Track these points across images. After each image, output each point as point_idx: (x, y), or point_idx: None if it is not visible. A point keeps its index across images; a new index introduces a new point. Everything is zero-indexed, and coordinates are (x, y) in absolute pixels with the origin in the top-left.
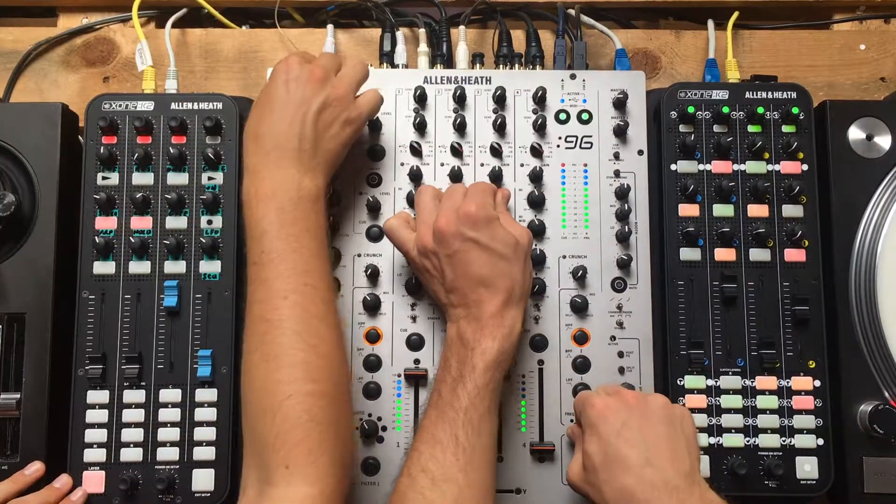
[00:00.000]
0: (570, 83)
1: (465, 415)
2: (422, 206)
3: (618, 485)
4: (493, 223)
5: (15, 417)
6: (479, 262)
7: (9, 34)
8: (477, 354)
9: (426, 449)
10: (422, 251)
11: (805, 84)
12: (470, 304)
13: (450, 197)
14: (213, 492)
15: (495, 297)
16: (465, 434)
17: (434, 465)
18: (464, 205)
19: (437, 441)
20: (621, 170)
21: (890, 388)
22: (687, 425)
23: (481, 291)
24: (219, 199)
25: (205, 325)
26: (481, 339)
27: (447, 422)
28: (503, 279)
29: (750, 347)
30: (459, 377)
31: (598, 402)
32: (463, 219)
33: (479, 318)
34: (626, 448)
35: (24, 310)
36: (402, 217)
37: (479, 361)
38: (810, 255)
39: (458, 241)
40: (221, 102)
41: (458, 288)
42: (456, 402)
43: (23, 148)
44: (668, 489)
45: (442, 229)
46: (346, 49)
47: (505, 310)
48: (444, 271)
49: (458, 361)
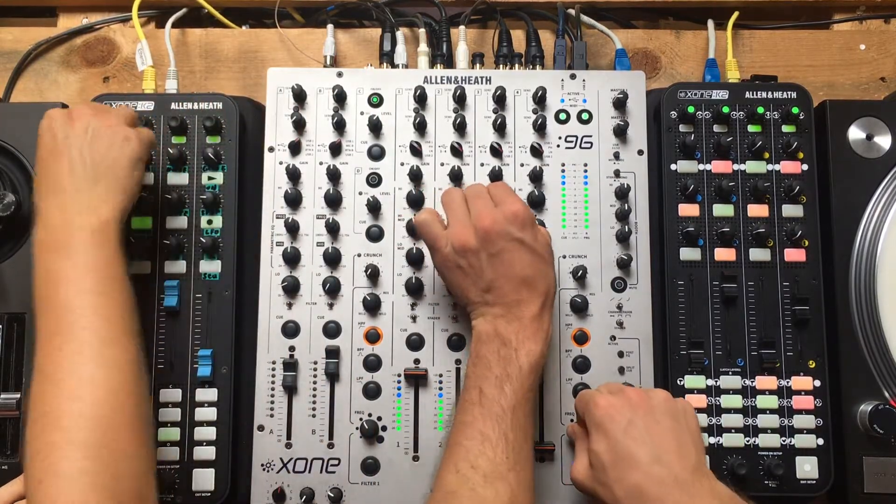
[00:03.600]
0: (570, 83)
1: (513, 414)
2: (454, 204)
3: (628, 483)
4: (535, 225)
5: (15, 417)
6: (524, 261)
7: (9, 34)
8: (522, 355)
9: (474, 445)
10: (459, 249)
11: (805, 84)
12: (511, 304)
13: (480, 196)
14: (213, 492)
15: (536, 299)
16: (514, 434)
17: (485, 462)
18: (507, 204)
19: (486, 438)
20: (621, 170)
21: (890, 387)
22: (690, 418)
23: (523, 292)
24: (219, 199)
25: (205, 325)
26: (525, 340)
27: (495, 419)
28: (543, 281)
29: (750, 347)
30: (506, 376)
31: (601, 401)
32: (511, 218)
33: (521, 318)
34: (634, 446)
35: (24, 310)
36: (432, 213)
37: (525, 362)
38: (810, 255)
39: (504, 241)
40: (221, 102)
41: (498, 287)
42: (503, 401)
43: (23, 148)
44: (677, 484)
45: (488, 228)
46: (346, 49)
47: (543, 312)
48: (484, 270)
49: (502, 360)
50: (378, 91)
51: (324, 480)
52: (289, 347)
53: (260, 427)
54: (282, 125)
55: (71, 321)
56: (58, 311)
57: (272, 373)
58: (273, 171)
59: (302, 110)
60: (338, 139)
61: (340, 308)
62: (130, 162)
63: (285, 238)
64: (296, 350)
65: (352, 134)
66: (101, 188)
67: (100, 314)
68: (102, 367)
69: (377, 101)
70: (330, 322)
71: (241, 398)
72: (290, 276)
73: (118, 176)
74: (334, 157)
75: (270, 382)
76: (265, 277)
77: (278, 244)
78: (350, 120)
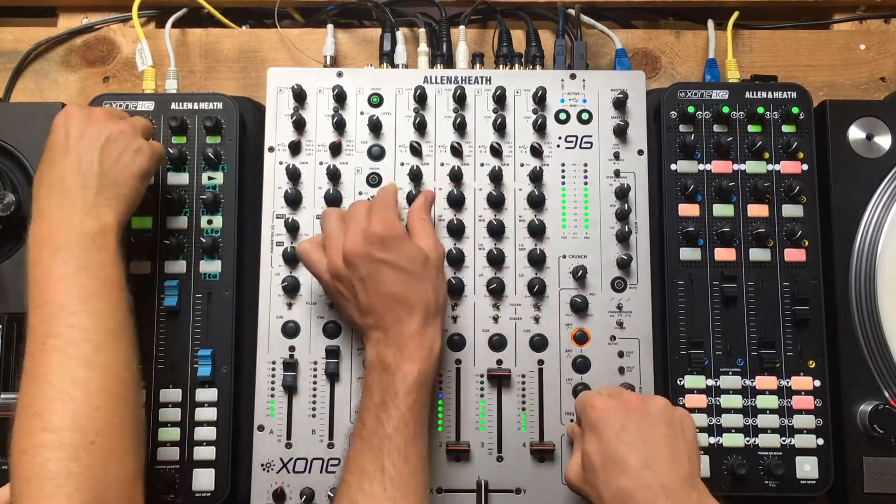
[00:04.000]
0: (570, 83)
1: (390, 442)
2: (328, 229)
3: (615, 486)
4: (401, 240)
5: None
6: (391, 281)
7: (9, 34)
8: (398, 379)
9: (354, 481)
10: (334, 275)
11: (805, 84)
12: (388, 326)
13: (353, 217)
14: (213, 492)
15: (413, 315)
16: (392, 462)
17: (363, 498)
18: (369, 225)
19: (363, 472)
20: (621, 170)
21: (890, 387)
22: (687, 428)
23: (399, 310)
24: (219, 199)
25: (205, 325)
26: (401, 362)
27: (373, 451)
28: (417, 297)
29: (750, 347)
30: (382, 404)
31: (598, 403)
32: (370, 239)
33: (399, 339)
34: (624, 450)
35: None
36: (314, 241)
37: (401, 386)
38: (810, 255)
39: (367, 264)
40: (221, 102)
41: (374, 310)
42: (380, 430)
43: (23, 148)
44: (665, 492)
45: (349, 252)
46: (346, 49)
47: (424, 329)
48: (358, 294)
49: (381, 387)
50: (378, 91)
51: (324, 480)
52: (289, 347)
53: (260, 427)
54: (282, 125)
55: (63, 322)
56: (52, 312)
57: (272, 373)
58: (273, 171)
59: (302, 110)
60: (338, 139)
61: None
62: (138, 174)
63: (285, 238)
64: (296, 350)
65: (352, 134)
66: (106, 195)
67: (93, 316)
68: (93, 369)
69: (377, 101)
70: (330, 322)
71: (241, 398)
72: (290, 276)
73: (124, 185)
74: (334, 157)
75: (270, 382)
76: (265, 277)
77: (278, 244)
78: (350, 120)
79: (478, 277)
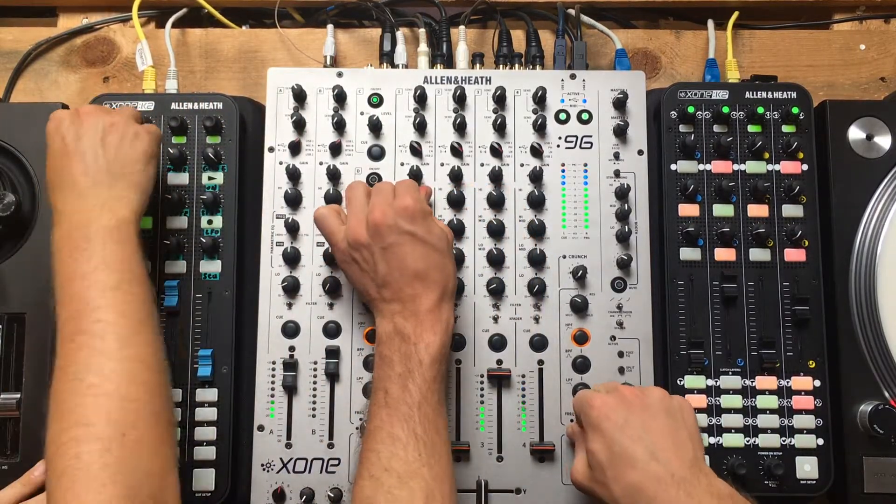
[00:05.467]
0: (570, 83)
1: (419, 410)
2: (354, 199)
3: (625, 481)
4: (428, 217)
5: (15, 417)
6: (415, 254)
7: (9, 34)
8: (422, 349)
9: (385, 448)
10: (353, 244)
11: (805, 84)
12: (405, 299)
13: (380, 192)
14: (213, 492)
15: (432, 291)
16: (424, 429)
17: (398, 464)
18: (399, 198)
19: (396, 439)
20: (621, 170)
21: (890, 388)
22: (687, 415)
23: (417, 286)
24: (219, 199)
25: (205, 325)
26: (423, 333)
27: (403, 419)
28: (438, 273)
29: (750, 347)
30: (408, 372)
31: (597, 401)
32: (400, 211)
33: (417, 312)
34: (630, 444)
35: (24, 310)
36: (332, 208)
37: (426, 356)
38: (810, 255)
39: (394, 234)
40: (221, 102)
41: (393, 282)
42: (409, 398)
43: (23, 148)
44: (674, 481)
45: (378, 221)
46: (346, 49)
47: (441, 304)
48: (378, 265)
49: (403, 357)
50: (378, 91)
51: (324, 480)
52: (289, 347)
53: (260, 427)
54: (282, 125)
55: (91, 318)
56: (78, 308)
57: (272, 373)
58: (273, 171)
59: (302, 110)
60: (338, 139)
61: (340, 308)
62: (143, 158)
63: (285, 238)
64: (296, 350)
65: (352, 134)
66: (118, 187)
67: (120, 310)
68: (123, 361)
69: (377, 101)
70: (330, 322)
71: (241, 398)
72: (290, 276)
73: (132, 173)
74: (334, 157)
75: (270, 382)
76: (265, 277)
77: (278, 244)
78: (350, 120)
79: (478, 277)
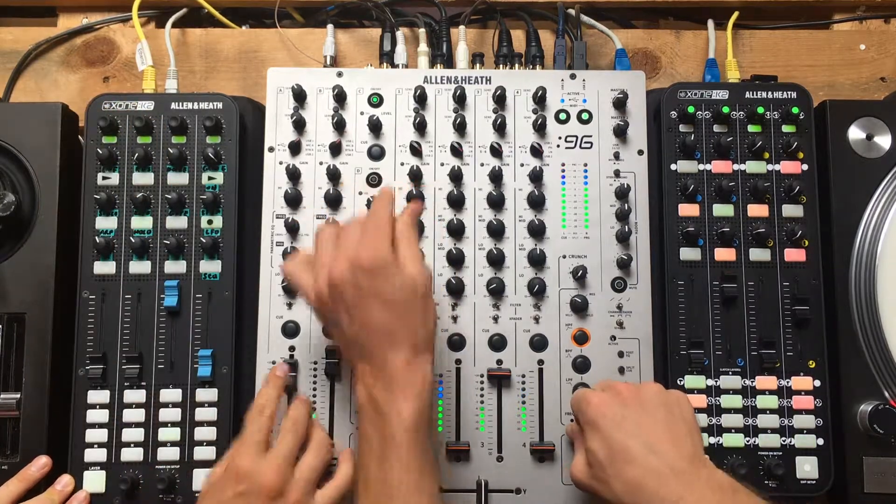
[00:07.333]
0: (570, 83)
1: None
2: (319, 250)
3: (625, 477)
4: (389, 268)
5: (15, 417)
6: (379, 312)
7: (9, 34)
8: (394, 422)
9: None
10: (320, 302)
11: (805, 84)
12: (374, 360)
13: (346, 237)
14: None
15: (400, 350)
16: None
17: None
18: (361, 247)
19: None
20: (621, 170)
21: (890, 388)
22: (684, 408)
23: (384, 344)
24: (219, 199)
25: (205, 325)
26: (394, 400)
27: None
28: (404, 329)
29: (750, 347)
30: (383, 455)
31: (593, 399)
32: (358, 266)
33: (386, 374)
34: (627, 440)
35: (24, 310)
36: (301, 260)
37: (398, 429)
38: (810, 255)
39: (353, 292)
40: (221, 102)
41: (362, 342)
42: (389, 478)
43: (23, 148)
44: (674, 474)
45: (335, 281)
46: (346, 49)
47: (413, 361)
48: (343, 324)
49: (378, 434)
50: (378, 91)
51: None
52: (289, 347)
53: None
54: (282, 125)
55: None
56: None
57: None
58: (273, 171)
59: (302, 110)
60: (338, 139)
61: None
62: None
63: (285, 238)
64: (296, 350)
65: (352, 134)
66: None
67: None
68: None
69: (377, 101)
70: None
71: (241, 398)
72: None
73: None
74: (334, 157)
75: None
76: (265, 277)
77: (278, 244)
78: (350, 120)
79: (478, 277)
